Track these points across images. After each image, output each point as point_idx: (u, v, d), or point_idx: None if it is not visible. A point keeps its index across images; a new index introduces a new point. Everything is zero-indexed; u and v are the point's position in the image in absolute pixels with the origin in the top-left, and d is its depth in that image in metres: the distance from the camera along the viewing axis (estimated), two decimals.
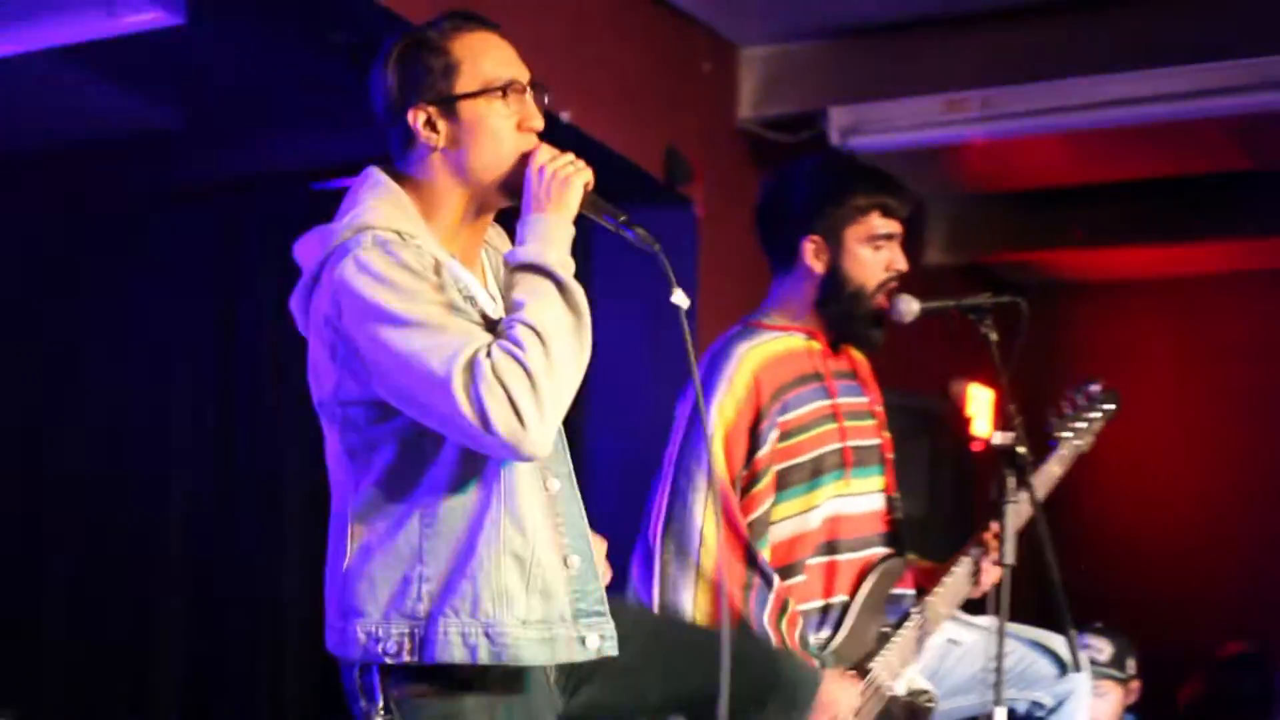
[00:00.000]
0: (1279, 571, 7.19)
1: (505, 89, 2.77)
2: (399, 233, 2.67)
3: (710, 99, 6.05)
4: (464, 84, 2.77)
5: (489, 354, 2.54)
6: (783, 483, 3.62)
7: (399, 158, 2.84)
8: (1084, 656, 3.74)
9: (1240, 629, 6.89)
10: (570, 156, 2.77)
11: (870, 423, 3.83)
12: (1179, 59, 5.68)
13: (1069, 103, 5.86)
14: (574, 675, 2.85)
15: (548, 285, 2.64)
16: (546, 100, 2.85)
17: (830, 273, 3.71)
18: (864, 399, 3.83)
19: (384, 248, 2.63)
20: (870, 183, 3.77)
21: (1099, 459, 4.18)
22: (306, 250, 2.76)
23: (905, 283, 3.81)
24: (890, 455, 3.85)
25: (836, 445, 3.68)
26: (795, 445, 3.64)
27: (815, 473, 3.65)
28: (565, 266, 2.67)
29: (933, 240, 7.70)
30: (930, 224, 7.70)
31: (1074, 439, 4.04)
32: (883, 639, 3.66)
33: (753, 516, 3.57)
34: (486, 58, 2.80)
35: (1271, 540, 7.56)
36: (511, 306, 2.65)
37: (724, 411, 3.57)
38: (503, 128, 2.78)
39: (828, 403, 3.68)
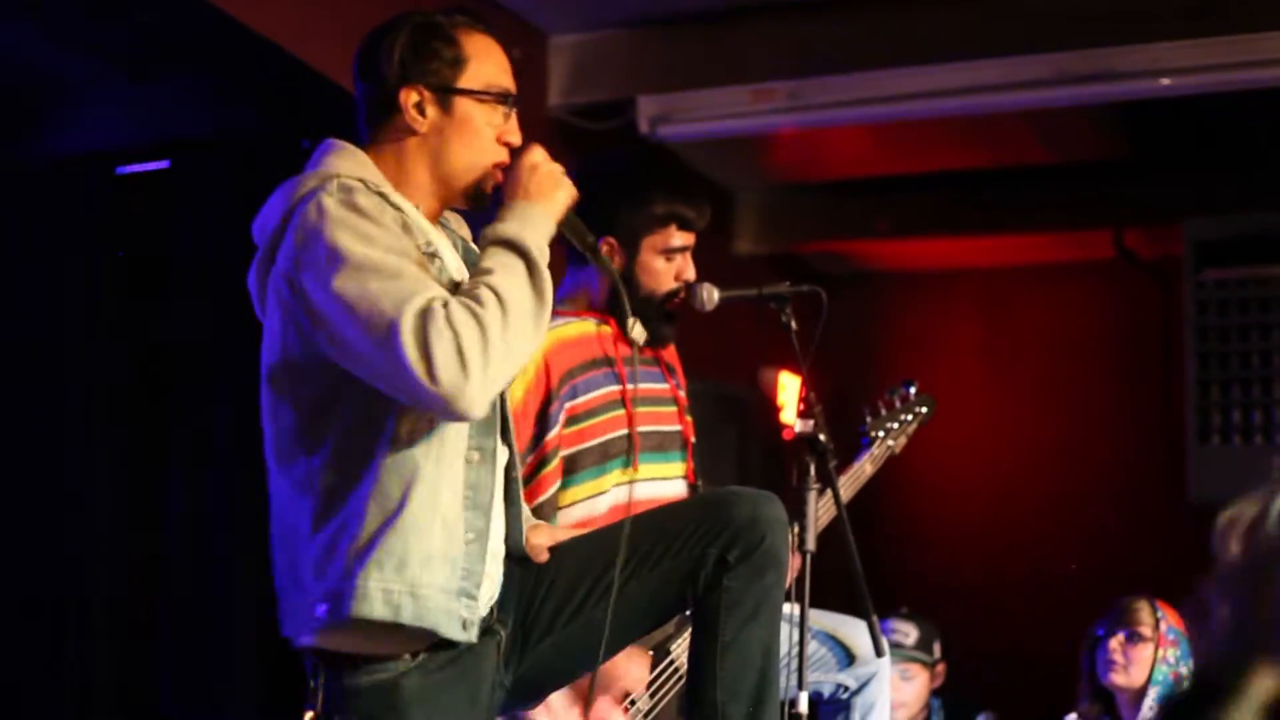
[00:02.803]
0: (1079, 560, 7.33)
1: (501, 99, 2.81)
2: (364, 181, 2.67)
3: (519, 86, 6.01)
4: (468, 80, 2.80)
5: (447, 303, 2.54)
6: (571, 467, 3.63)
7: (367, 127, 2.84)
8: (886, 641, 3.78)
9: (1042, 618, 7.03)
10: (561, 168, 2.81)
11: (671, 409, 3.83)
12: (982, 53, 5.78)
13: (874, 94, 5.94)
14: (517, 642, 2.85)
15: (519, 264, 2.65)
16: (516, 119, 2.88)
17: (622, 276, 3.73)
18: (664, 385, 3.83)
19: (348, 193, 2.62)
20: (670, 191, 3.78)
21: (907, 448, 4.24)
22: (268, 214, 2.71)
23: (712, 271, 3.83)
24: (693, 440, 3.87)
25: (624, 431, 3.69)
26: (584, 430, 3.64)
27: (605, 457, 3.66)
28: (542, 251, 2.69)
29: (742, 230, 7.75)
30: (740, 213, 7.76)
31: (886, 439, 4.09)
32: (684, 621, 3.66)
33: (540, 500, 3.57)
34: (491, 62, 2.84)
35: (1072, 530, 7.72)
36: (478, 271, 2.64)
37: (512, 394, 3.54)
38: (486, 135, 2.81)
39: (617, 388, 3.69)
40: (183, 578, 5.45)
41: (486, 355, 2.52)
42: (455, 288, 2.68)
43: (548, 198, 2.76)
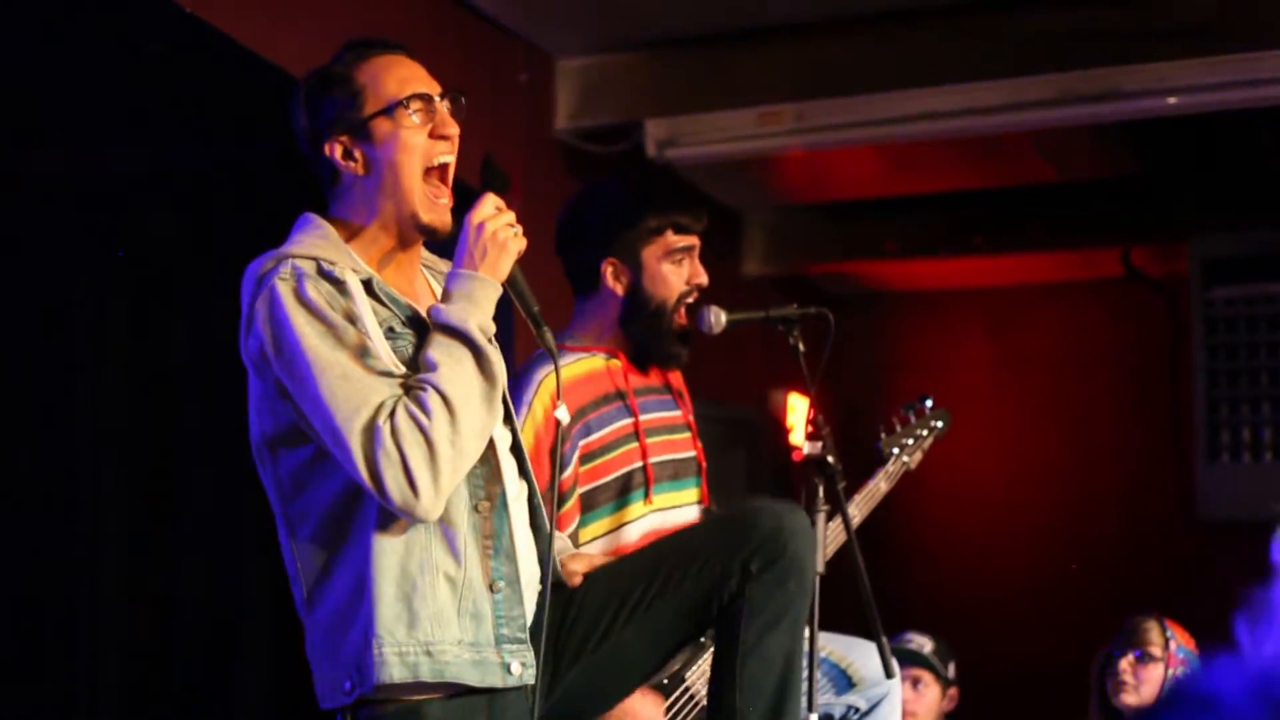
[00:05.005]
0: (1084, 573, 7.33)
1: (409, 102, 2.79)
2: (319, 260, 2.68)
3: (527, 110, 6.04)
4: (371, 106, 2.80)
5: (393, 414, 2.57)
6: (588, 504, 3.61)
7: (328, 196, 2.86)
8: (896, 664, 3.76)
9: (1052, 636, 7.02)
10: (511, 217, 2.77)
11: (685, 435, 3.83)
12: (988, 73, 5.79)
13: (881, 116, 5.94)
14: (547, 669, 2.85)
15: (464, 352, 2.65)
16: (463, 103, 2.87)
17: (631, 292, 3.72)
18: (677, 412, 3.84)
19: (299, 280, 2.64)
20: (661, 201, 3.77)
21: (918, 467, 4.24)
22: (243, 288, 2.75)
23: (721, 294, 3.83)
24: (705, 465, 3.87)
25: (639, 464, 3.69)
26: (600, 466, 3.63)
27: (622, 491, 3.65)
28: (486, 331, 2.69)
29: (750, 252, 7.77)
30: (747, 235, 7.77)
31: (902, 455, 4.08)
32: (699, 648, 3.66)
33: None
34: (389, 77, 2.83)
35: (1080, 548, 7.71)
36: (425, 364, 2.65)
37: (524, 437, 3.54)
38: (414, 139, 2.79)
39: (630, 421, 3.69)
40: (194, 599, 5.45)
41: (434, 468, 2.57)
42: (417, 346, 2.71)
43: (494, 264, 2.74)
